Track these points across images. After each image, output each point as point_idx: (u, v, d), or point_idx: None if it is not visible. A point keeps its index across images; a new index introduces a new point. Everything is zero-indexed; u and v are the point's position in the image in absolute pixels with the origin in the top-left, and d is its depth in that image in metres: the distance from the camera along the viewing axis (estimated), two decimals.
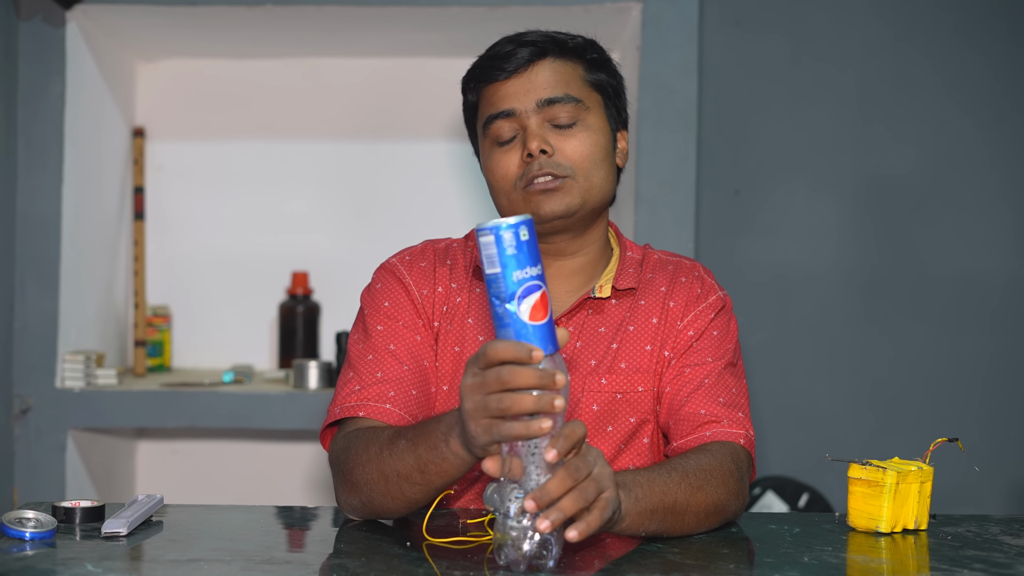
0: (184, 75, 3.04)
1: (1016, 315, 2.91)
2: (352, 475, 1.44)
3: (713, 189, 2.91)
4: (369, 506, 1.44)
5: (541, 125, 1.57)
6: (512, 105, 1.58)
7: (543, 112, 1.57)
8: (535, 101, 1.57)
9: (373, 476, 1.40)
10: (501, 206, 1.61)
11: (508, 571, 1.20)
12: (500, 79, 1.59)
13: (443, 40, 2.85)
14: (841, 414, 2.92)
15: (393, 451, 1.38)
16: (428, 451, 1.33)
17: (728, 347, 1.61)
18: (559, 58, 1.60)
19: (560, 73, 1.59)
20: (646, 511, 1.32)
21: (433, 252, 1.66)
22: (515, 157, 1.57)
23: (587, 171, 1.57)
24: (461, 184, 3.02)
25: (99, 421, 2.64)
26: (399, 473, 1.37)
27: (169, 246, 3.03)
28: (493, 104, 1.60)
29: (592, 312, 1.61)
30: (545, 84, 1.57)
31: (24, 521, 1.33)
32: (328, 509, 1.54)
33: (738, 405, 1.56)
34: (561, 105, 1.57)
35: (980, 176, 2.91)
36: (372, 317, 1.60)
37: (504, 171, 1.58)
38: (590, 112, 1.59)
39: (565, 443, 1.18)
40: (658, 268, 1.66)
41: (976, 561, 1.31)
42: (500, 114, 1.58)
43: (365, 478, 1.41)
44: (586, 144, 1.57)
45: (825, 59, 2.91)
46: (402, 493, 1.38)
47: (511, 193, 1.58)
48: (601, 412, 1.57)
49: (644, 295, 1.63)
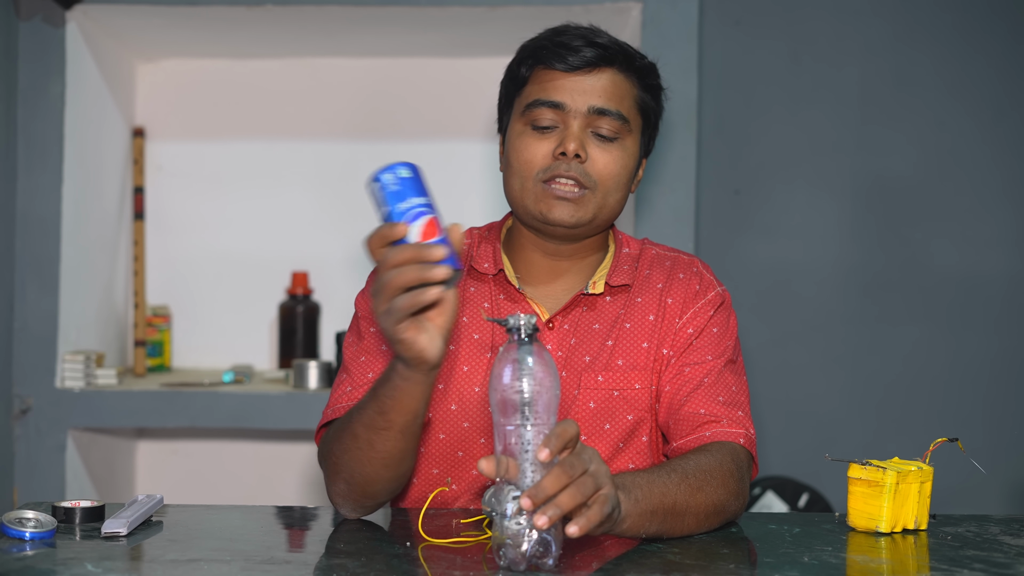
0: (184, 75, 3.04)
1: (1016, 315, 2.91)
2: (333, 456, 1.46)
3: (713, 189, 2.91)
4: (352, 485, 1.45)
5: (584, 129, 1.56)
6: (563, 99, 1.56)
7: (590, 118, 1.56)
8: (587, 106, 1.56)
9: (347, 444, 1.42)
10: (513, 188, 1.60)
11: (508, 571, 1.20)
12: (560, 69, 1.57)
13: (443, 40, 2.86)
14: (841, 414, 2.92)
15: (358, 409, 1.41)
16: (382, 387, 1.36)
17: (728, 344, 1.61)
18: (622, 72, 1.59)
19: (618, 87, 1.58)
20: (646, 512, 1.32)
21: None
22: (546, 147, 1.56)
23: (608, 189, 1.58)
24: (462, 184, 3.02)
25: (99, 421, 2.64)
26: (366, 425, 1.39)
27: (169, 246, 3.03)
28: (545, 91, 1.58)
29: (586, 309, 1.61)
30: (601, 92, 1.57)
31: (24, 521, 1.33)
32: (328, 509, 1.54)
33: (738, 404, 1.56)
34: (609, 119, 1.56)
35: (981, 176, 2.91)
36: (366, 320, 1.60)
37: (530, 156, 1.57)
38: (631, 134, 1.59)
39: (557, 441, 1.18)
40: (655, 264, 1.66)
41: (976, 561, 1.31)
42: (548, 103, 1.57)
43: (342, 448, 1.43)
44: (617, 163, 1.57)
45: (825, 59, 2.91)
46: (373, 449, 1.40)
47: (528, 180, 1.57)
48: (598, 409, 1.57)
49: (640, 292, 1.62)
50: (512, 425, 1.20)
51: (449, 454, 1.58)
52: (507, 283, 1.62)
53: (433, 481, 1.59)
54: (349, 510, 1.49)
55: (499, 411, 1.20)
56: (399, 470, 1.44)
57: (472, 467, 1.58)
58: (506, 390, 1.20)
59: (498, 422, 1.21)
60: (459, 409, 1.57)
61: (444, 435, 1.58)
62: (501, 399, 1.20)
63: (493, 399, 1.21)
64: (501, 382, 1.20)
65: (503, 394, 1.20)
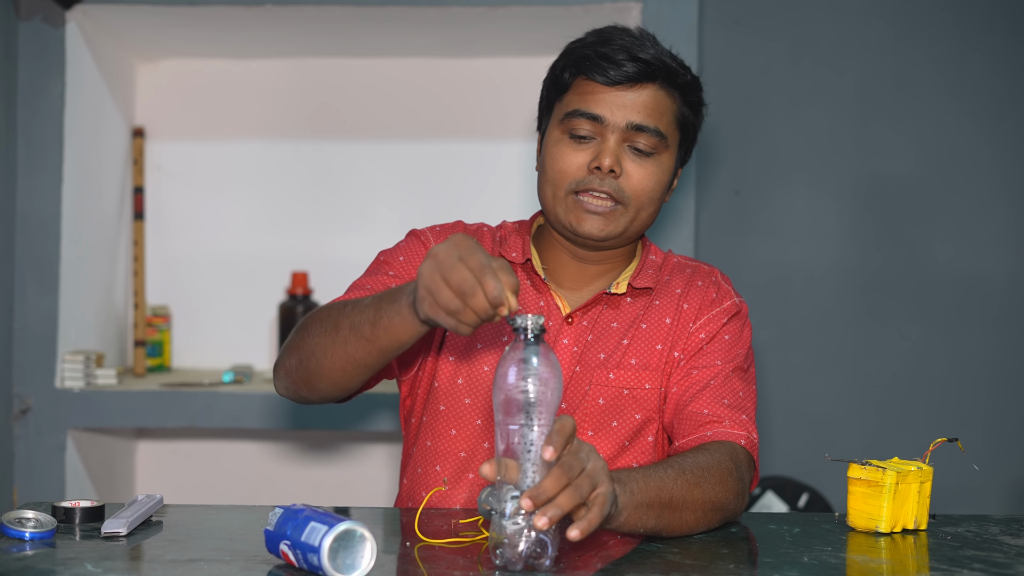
0: (184, 75, 3.04)
1: (1016, 315, 2.91)
2: (305, 332, 1.46)
3: (713, 189, 2.91)
4: (304, 365, 1.45)
5: (620, 143, 1.56)
6: (603, 113, 1.56)
7: (627, 133, 1.56)
8: (626, 121, 1.56)
9: (327, 328, 1.43)
10: (545, 194, 1.60)
11: (505, 571, 1.20)
12: (600, 82, 1.56)
13: (443, 40, 2.85)
14: (841, 414, 2.92)
15: (356, 305, 1.41)
16: (388, 303, 1.35)
17: (739, 352, 1.62)
18: (664, 88, 1.58)
19: (659, 103, 1.58)
20: (642, 505, 1.32)
21: (464, 230, 1.68)
22: (582, 158, 1.57)
23: (641, 204, 1.58)
24: (462, 184, 3.02)
25: (99, 421, 2.64)
26: (353, 324, 1.39)
27: (169, 246, 3.03)
28: (585, 102, 1.57)
29: (607, 307, 1.63)
30: (641, 109, 1.56)
31: (24, 521, 1.33)
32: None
33: (743, 408, 1.56)
34: (647, 135, 1.56)
35: (981, 176, 2.91)
36: (386, 264, 1.63)
37: (565, 166, 1.57)
38: (668, 150, 1.59)
39: (559, 439, 1.19)
40: (676, 271, 1.67)
41: (976, 561, 1.31)
42: (587, 115, 1.56)
43: (320, 330, 1.44)
44: (652, 179, 1.58)
45: (825, 59, 2.91)
46: (344, 348, 1.40)
47: (560, 190, 1.58)
48: (607, 406, 1.58)
49: (660, 296, 1.64)
50: (515, 425, 1.20)
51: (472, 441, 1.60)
52: (533, 272, 1.63)
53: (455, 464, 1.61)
54: (284, 387, 1.51)
55: (502, 410, 1.20)
56: (351, 380, 1.45)
57: (470, 469, 1.59)
58: (511, 390, 1.19)
59: (500, 421, 1.21)
60: (472, 403, 1.59)
61: (455, 431, 1.60)
62: (505, 399, 1.20)
63: (496, 398, 1.21)
64: (506, 381, 1.20)
65: (508, 394, 1.20)
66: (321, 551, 1.17)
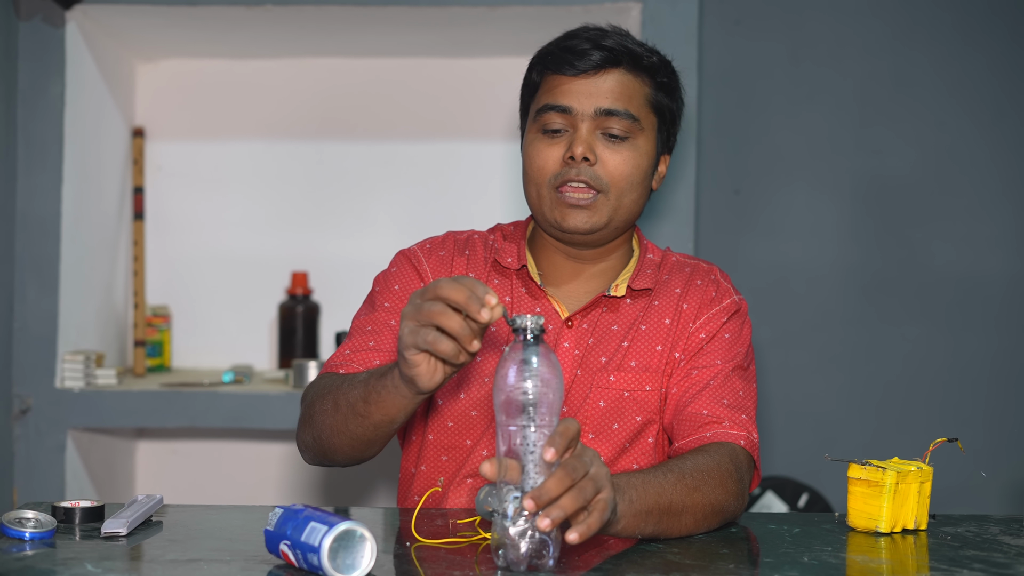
0: (184, 75, 3.04)
1: (1017, 315, 2.91)
2: (312, 410, 1.50)
3: (713, 189, 2.91)
4: (319, 441, 1.49)
5: (592, 132, 1.57)
6: (570, 103, 1.57)
7: (598, 120, 1.56)
8: (594, 108, 1.56)
9: (328, 407, 1.45)
10: (530, 196, 1.61)
11: (507, 571, 1.20)
12: (567, 74, 1.58)
13: (443, 40, 2.85)
14: (841, 414, 2.92)
15: (351, 383, 1.43)
16: (376, 380, 1.37)
17: (739, 351, 1.62)
18: (630, 71, 1.59)
19: (626, 87, 1.58)
20: (641, 512, 1.32)
21: (453, 242, 1.68)
22: (557, 153, 1.57)
23: (621, 190, 1.58)
24: (462, 184, 3.02)
25: (99, 421, 2.64)
26: (349, 402, 1.41)
27: (169, 246, 3.03)
28: (553, 96, 1.58)
29: (606, 310, 1.62)
30: (608, 94, 1.57)
31: (24, 521, 1.33)
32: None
33: (743, 408, 1.56)
34: (618, 119, 1.56)
35: (981, 176, 2.91)
36: (381, 295, 1.63)
37: (542, 163, 1.58)
38: (643, 132, 1.59)
39: (561, 440, 1.18)
40: (675, 270, 1.67)
41: (976, 561, 1.31)
42: (556, 107, 1.57)
43: (322, 409, 1.47)
44: (629, 164, 1.57)
45: (825, 59, 2.91)
46: (346, 426, 1.43)
47: (542, 187, 1.59)
48: (608, 409, 1.58)
49: (659, 296, 1.63)
50: (516, 425, 1.20)
51: (459, 442, 1.60)
52: (529, 279, 1.63)
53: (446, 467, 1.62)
54: (308, 458, 1.56)
55: (503, 411, 1.20)
56: (363, 452, 1.48)
57: (467, 468, 1.59)
58: (512, 390, 1.19)
59: (501, 422, 1.21)
60: (467, 399, 1.59)
61: (452, 423, 1.60)
62: (506, 399, 1.20)
63: (497, 399, 1.21)
64: (507, 382, 1.20)
65: (508, 394, 1.19)
66: (321, 551, 1.17)
